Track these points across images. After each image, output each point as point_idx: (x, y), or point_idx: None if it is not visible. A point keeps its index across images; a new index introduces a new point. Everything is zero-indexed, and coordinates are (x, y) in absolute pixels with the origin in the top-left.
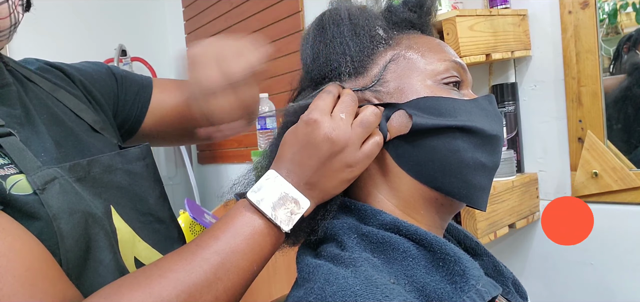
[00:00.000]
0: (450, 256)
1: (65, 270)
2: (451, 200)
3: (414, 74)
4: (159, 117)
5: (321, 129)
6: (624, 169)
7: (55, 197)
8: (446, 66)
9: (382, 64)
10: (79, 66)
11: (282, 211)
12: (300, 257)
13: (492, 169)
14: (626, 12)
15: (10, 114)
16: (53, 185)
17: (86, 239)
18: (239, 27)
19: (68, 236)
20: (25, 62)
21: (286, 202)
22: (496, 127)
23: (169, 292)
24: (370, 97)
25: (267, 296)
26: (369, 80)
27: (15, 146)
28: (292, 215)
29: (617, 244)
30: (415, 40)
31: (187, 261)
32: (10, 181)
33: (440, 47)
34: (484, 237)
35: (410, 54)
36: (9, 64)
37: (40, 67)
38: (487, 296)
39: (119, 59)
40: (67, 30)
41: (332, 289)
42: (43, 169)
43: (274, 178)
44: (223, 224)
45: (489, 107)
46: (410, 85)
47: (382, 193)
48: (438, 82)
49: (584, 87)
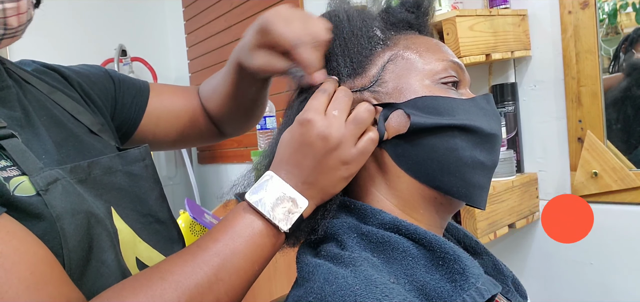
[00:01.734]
0: (450, 255)
1: (68, 270)
2: (450, 199)
3: (412, 74)
4: (155, 121)
5: (315, 128)
6: (623, 169)
7: (58, 198)
8: (444, 66)
9: (380, 64)
10: (76, 69)
11: (280, 211)
12: (301, 256)
13: (491, 168)
14: (626, 12)
15: (10, 116)
16: (56, 186)
17: (89, 240)
18: (239, 27)
19: (71, 236)
20: (21, 63)
21: (284, 202)
22: (494, 125)
23: (170, 295)
24: (369, 98)
25: (267, 295)
26: (368, 81)
27: (17, 148)
28: (291, 214)
29: (617, 244)
30: (413, 40)
31: (188, 263)
32: (14, 182)
33: (438, 47)
34: (483, 237)
35: (408, 54)
36: (8, 67)
37: (36, 69)
38: (486, 294)
39: (119, 59)
40: (67, 30)
41: (332, 289)
42: (45, 170)
43: (272, 179)
44: (223, 226)
45: (487, 106)
46: (408, 85)
47: (382, 192)
48: (436, 82)
49: (584, 87)
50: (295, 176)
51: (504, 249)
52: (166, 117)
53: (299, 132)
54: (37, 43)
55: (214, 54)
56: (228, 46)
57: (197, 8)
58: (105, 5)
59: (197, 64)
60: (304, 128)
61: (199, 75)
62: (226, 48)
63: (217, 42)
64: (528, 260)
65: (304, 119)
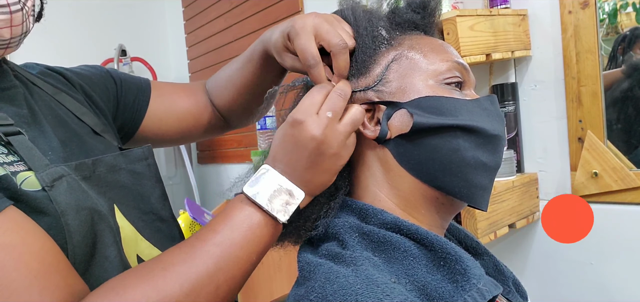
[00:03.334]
0: (451, 255)
1: (73, 264)
2: (452, 199)
3: (416, 73)
4: (157, 122)
5: (307, 131)
6: (624, 169)
7: (63, 194)
8: (448, 66)
9: (384, 64)
10: (78, 70)
11: (278, 203)
12: (301, 255)
13: (494, 169)
14: (626, 12)
15: (18, 114)
16: (61, 182)
17: (93, 236)
18: (239, 27)
19: (76, 231)
20: (26, 66)
21: (281, 194)
22: (498, 127)
23: (172, 286)
24: (373, 97)
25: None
26: (372, 80)
27: (24, 145)
28: (288, 206)
29: (617, 244)
30: (418, 40)
31: (188, 254)
32: (21, 177)
33: (442, 48)
34: (484, 237)
35: (412, 54)
36: (14, 69)
37: (41, 72)
38: (488, 295)
39: (119, 59)
40: (67, 30)
41: (333, 288)
42: (51, 166)
43: (268, 172)
44: (222, 219)
45: (490, 107)
46: (412, 84)
47: (384, 192)
48: (440, 82)
49: (584, 87)
50: (289, 174)
51: (504, 249)
52: (168, 117)
53: (291, 133)
54: (37, 43)
55: (214, 54)
56: (228, 46)
57: (197, 8)
58: (105, 5)
59: (197, 64)
60: (295, 130)
61: (199, 75)
62: (226, 48)
63: (217, 42)
64: (528, 260)
65: (294, 121)
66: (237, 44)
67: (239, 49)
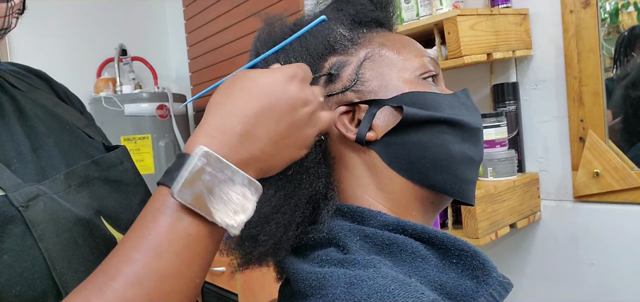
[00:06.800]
0: (466, 251)
1: (62, 286)
2: (441, 197)
3: (393, 70)
4: None
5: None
6: (625, 169)
7: (41, 214)
8: (422, 61)
9: (355, 62)
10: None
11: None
12: (292, 266)
13: (478, 163)
14: (627, 12)
15: None
16: (37, 202)
17: (83, 253)
18: (239, 27)
19: (58, 257)
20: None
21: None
22: (477, 120)
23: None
24: (353, 97)
25: (268, 295)
26: (347, 81)
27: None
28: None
29: (617, 244)
30: (388, 38)
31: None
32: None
33: (412, 44)
34: (484, 237)
35: (385, 52)
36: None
37: (13, 71)
38: (509, 287)
39: (119, 59)
40: (67, 30)
41: (364, 292)
42: (23, 185)
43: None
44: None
45: (467, 101)
46: (391, 81)
47: (371, 196)
48: (418, 78)
49: (586, 86)
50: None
51: (505, 249)
52: None
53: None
54: (37, 43)
55: (214, 54)
56: (228, 45)
57: (197, 7)
58: (106, 5)
59: (197, 64)
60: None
61: (199, 74)
62: (226, 47)
63: (217, 42)
64: (529, 260)
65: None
66: (237, 44)
67: (239, 49)
